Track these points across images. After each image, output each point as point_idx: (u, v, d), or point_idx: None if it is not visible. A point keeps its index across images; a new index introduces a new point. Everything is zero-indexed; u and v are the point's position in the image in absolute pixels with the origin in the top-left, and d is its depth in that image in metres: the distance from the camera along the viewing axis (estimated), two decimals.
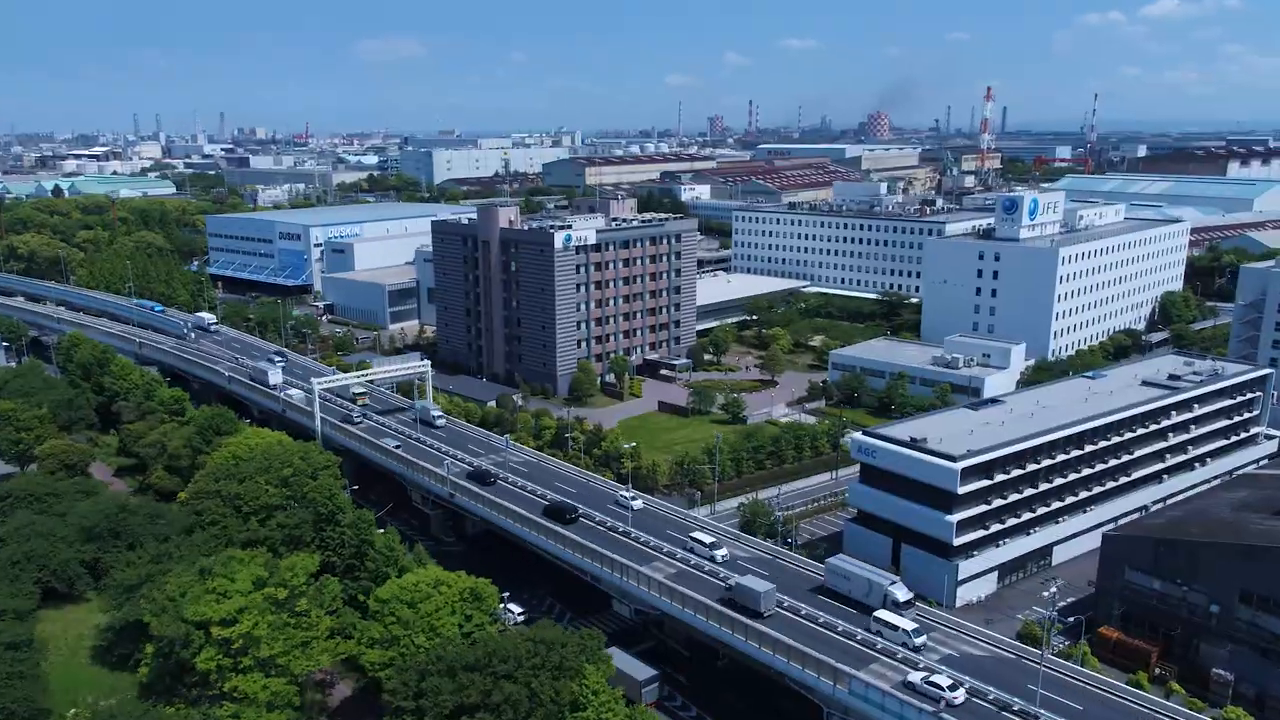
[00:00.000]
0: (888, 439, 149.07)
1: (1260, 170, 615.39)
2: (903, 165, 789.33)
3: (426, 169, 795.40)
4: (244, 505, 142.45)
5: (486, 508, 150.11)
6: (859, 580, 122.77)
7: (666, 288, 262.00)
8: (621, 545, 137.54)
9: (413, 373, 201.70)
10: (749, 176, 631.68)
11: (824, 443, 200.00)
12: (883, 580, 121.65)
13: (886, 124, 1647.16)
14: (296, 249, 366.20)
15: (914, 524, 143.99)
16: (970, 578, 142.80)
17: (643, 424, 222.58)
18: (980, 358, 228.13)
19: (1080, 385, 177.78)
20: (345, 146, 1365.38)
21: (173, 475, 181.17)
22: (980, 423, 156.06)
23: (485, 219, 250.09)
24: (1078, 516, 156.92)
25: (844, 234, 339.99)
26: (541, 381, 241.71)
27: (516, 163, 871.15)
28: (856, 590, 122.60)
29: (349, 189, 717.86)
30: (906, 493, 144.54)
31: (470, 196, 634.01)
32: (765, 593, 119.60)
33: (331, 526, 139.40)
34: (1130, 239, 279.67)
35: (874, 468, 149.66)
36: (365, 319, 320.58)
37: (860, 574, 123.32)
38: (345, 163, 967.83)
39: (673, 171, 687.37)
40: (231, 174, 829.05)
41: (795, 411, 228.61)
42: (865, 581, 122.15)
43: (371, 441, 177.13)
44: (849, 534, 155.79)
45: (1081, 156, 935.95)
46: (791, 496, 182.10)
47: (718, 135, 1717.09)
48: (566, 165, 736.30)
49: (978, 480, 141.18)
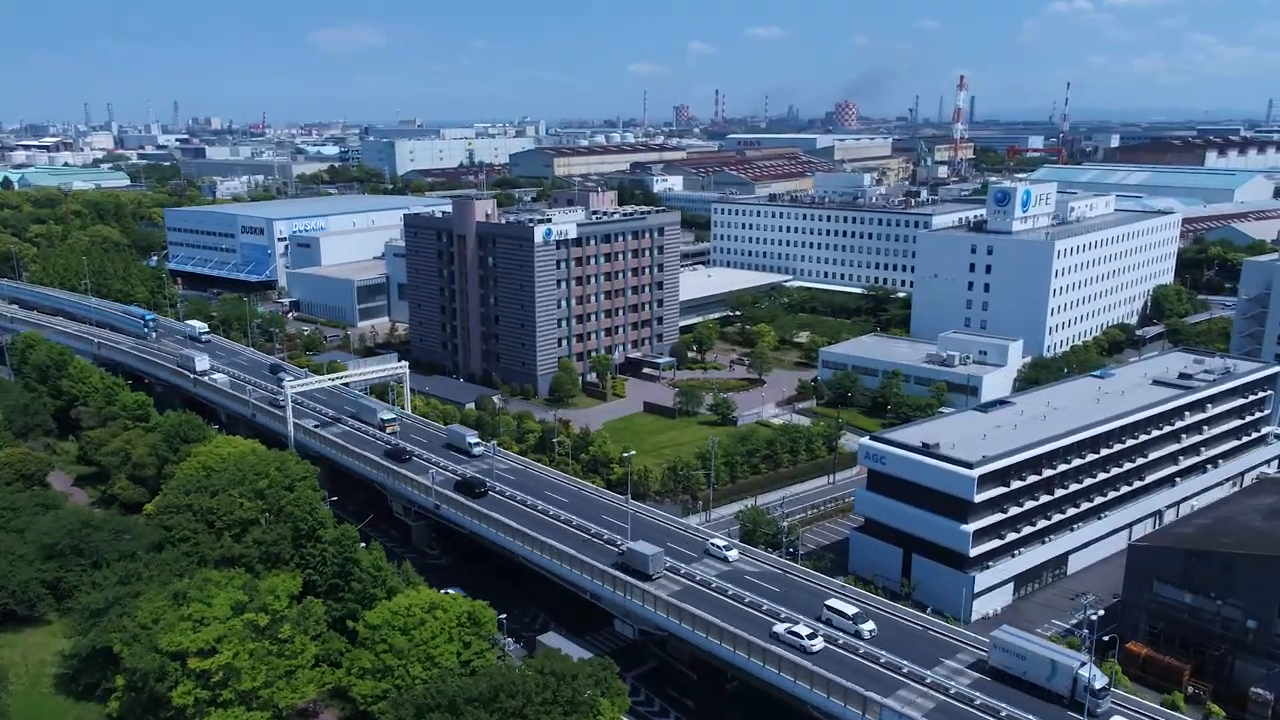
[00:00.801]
0: (898, 444, 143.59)
1: (1238, 160, 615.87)
2: (876, 155, 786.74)
3: (389, 160, 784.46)
4: (217, 520, 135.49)
5: (479, 522, 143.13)
6: (1038, 660, 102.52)
7: (649, 283, 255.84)
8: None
9: (389, 374, 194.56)
10: (721, 167, 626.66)
11: (820, 445, 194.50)
12: (1070, 660, 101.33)
13: (855, 114, 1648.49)
14: (260, 243, 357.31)
15: (926, 534, 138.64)
16: (986, 590, 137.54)
17: (628, 426, 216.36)
18: (977, 355, 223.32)
19: (1090, 385, 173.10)
20: (304, 137, 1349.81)
21: (137, 485, 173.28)
22: (991, 426, 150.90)
23: (461, 213, 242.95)
24: (1093, 523, 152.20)
25: (827, 226, 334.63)
26: (521, 381, 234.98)
27: (481, 153, 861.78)
28: (1035, 672, 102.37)
29: (309, 180, 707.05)
30: (918, 501, 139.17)
31: (436, 188, 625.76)
32: (653, 556, 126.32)
33: (312, 543, 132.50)
34: (1124, 231, 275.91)
35: (883, 474, 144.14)
36: (333, 316, 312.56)
37: (1040, 653, 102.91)
38: (304, 154, 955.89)
39: (643, 162, 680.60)
40: (187, 165, 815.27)
41: (785, 412, 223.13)
42: (1047, 662, 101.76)
43: (348, 448, 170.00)
44: (855, 544, 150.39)
45: (1054, 146, 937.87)
46: (789, 502, 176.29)
47: (684, 125, 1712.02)
48: (534, 156, 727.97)
49: (994, 487, 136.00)
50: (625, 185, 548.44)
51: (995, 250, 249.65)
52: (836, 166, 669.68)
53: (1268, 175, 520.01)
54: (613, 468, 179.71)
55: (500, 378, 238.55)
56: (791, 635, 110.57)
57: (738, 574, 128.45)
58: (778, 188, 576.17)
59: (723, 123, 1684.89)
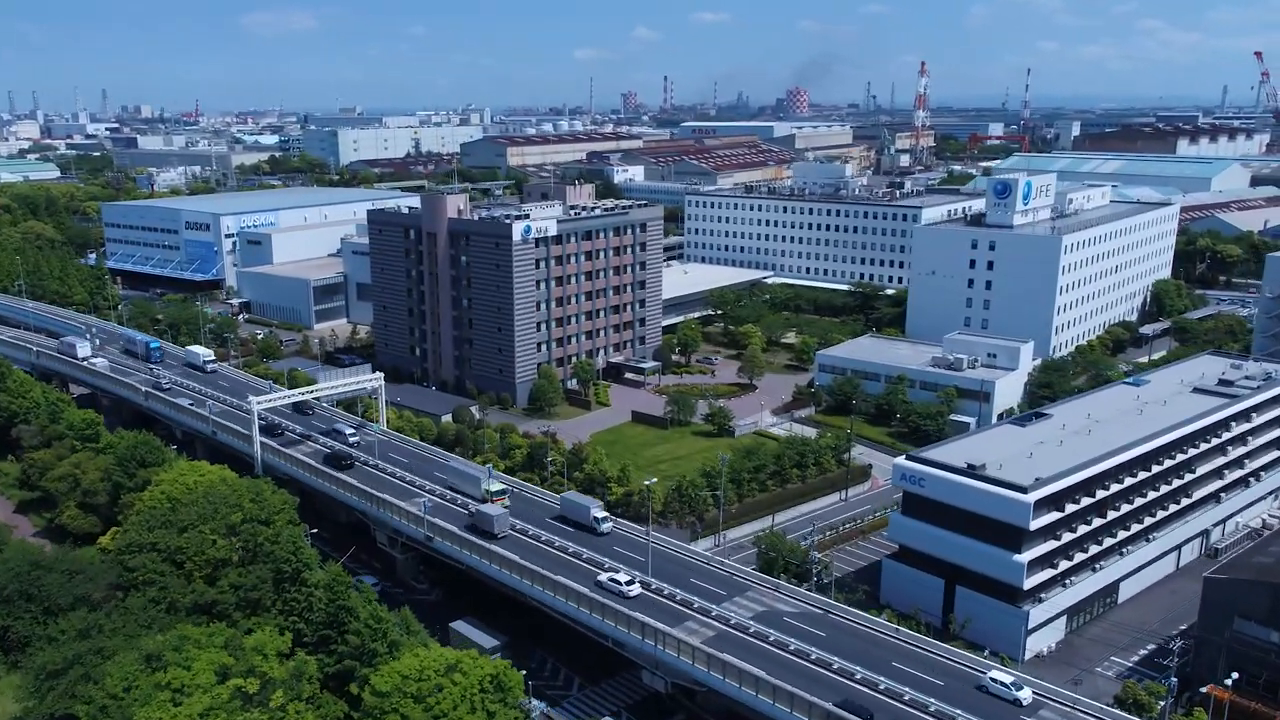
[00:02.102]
0: (939, 465, 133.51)
1: (1209, 148, 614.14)
2: (837, 144, 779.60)
3: (332, 149, 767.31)
4: (187, 561, 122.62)
5: (483, 560, 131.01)
6: None
7: (631, 283, 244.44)
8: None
9: (363, 387, 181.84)
10: (681, 156, 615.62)
11: (829, 459, 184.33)
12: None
13: (806, 101, 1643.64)
14: (205, 240, 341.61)
15: (973, 564, 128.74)
16: (1039, 625, 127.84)
17: (617, 438, 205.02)
18: (985, 358, 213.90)
19: (1126, 395, 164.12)
20: (239, 125, 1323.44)
21: (88, 514, 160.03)
22: (1033, 442, 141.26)
23: (431, 208, 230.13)
24: (1143, 547, 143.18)
25: (809, 220, 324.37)
26: (497, 390, 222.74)
27: (427, 143, 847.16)
28: None
29: (249, 171, 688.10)
30: (963, 527, 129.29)
31: (384, 179, 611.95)
32: (498, 516, 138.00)
33: (296, 586, 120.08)
34: (1128, 224, 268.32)
35: (921, 498, 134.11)
36: (287, 318, 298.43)
37: None
38: (242, 143, 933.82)
39: (600, 151, 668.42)
40: (120, 155, 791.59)
41: (783, 420, 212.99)
42: None
43: (323, 471, 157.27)
44: (888, 573, 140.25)
45: (1015, 134, 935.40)
46: (801, 523, 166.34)
47: (631, 112, 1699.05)
48: (486, 146, 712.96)
49: (1048, 513, 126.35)
50: (584, 176, 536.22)
51: (998, 245, 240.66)
52: (799, 155, 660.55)
53: (1244, 163, 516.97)
54: (611, 487, 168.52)
55: (475, 386, 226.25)
56: (612, 583, 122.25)
57: (774, 615, 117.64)
58: (741, 177, 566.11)
59: (671, 110, 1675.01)
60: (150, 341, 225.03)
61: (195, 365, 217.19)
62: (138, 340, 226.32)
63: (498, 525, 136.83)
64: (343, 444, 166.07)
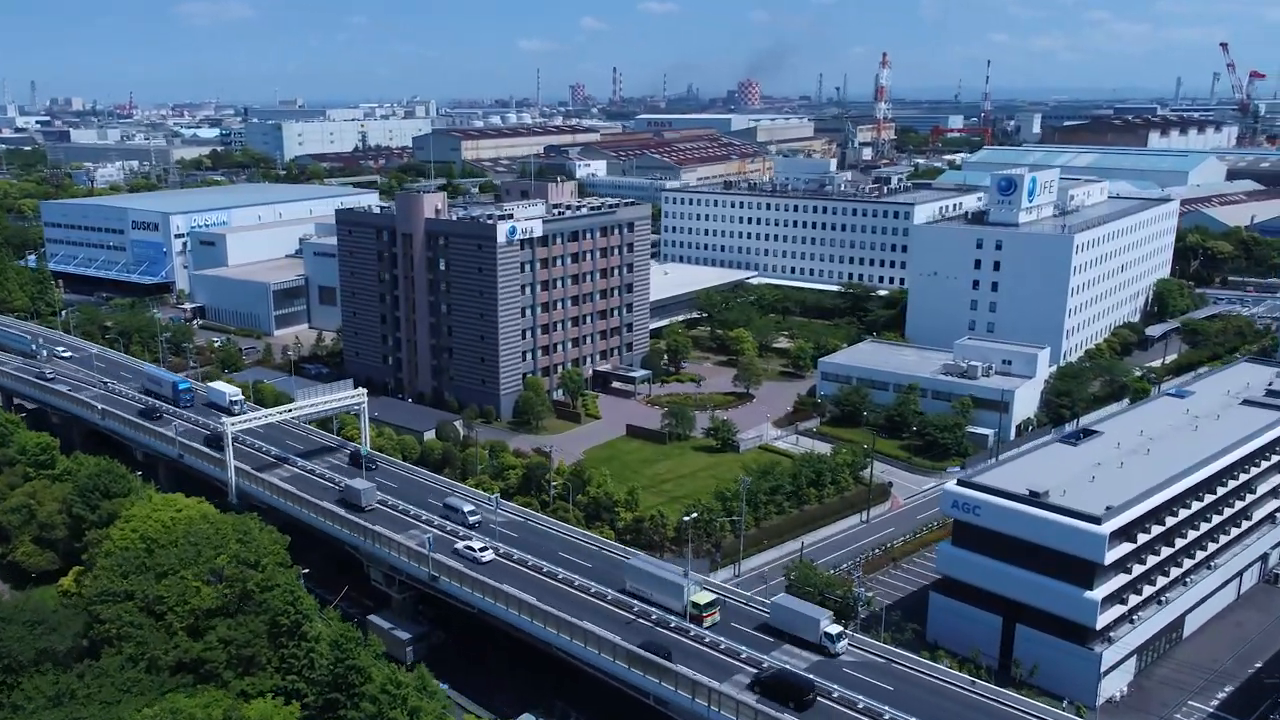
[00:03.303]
0: (996, 491, 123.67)
1: (1179, 140, 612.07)
2: (798, 137, 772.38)
3: (276, 143, 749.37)
4: (168, 612, 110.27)
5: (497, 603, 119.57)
6: None
7: (618, 286, 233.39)
8: None
9: (345, 405, 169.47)
10: (641, 150, 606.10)
11: (846, 477, 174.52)
12: None
13: (758, 93, 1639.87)
14: (153, 240, 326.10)
15: (1037, 601, 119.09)
16: (1110, 668, 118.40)
17: (613, 454, 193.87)
18: (1000, 364, 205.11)
19: (1173, 408, 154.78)
20: (176, 118, 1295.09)
21: (45, 550, 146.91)
22: (1090, 464, 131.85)
23: (406, 208, 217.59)
24: (1206, 576, 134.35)
25: (794, 217, 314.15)
26: (479, 402, 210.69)
27: (375, 136, 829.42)
28: None
29: (190, 166, 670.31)
30: (1025, 561, 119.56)
31: (335, 174, 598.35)
32: (365, 490, 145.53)
33: (295, 641, 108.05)
34: (1133, 222, 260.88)
35: (975, 528, 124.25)
36: (245, 324, 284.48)
37: None
38: (180, 137, 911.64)
39: (557, 145, 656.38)
40: (53, 150, 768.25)
41: (788, 433, 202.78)
42: None
43: (309, 500, 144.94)
44: (936, 608, 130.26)
45: (975, 126, 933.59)
46: (824, 548, 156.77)
47: (580, 105, 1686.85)
48: (440, 139, 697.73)
49: (1121, 544, 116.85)
50: (545, 170, 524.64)
51: (1005, 245, 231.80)
52: (762, 149, 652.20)
53: (1220, 156, 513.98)
54: (619, 512, 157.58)
55: (455, 398, 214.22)
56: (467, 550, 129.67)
57: (832, 665, 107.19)
58: (704, 171, 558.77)
59: (621, 102, 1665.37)
60: (178, 381, 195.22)
61: (220, 406, 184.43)
62: (163, 380, 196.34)
63: (365, 499, 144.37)
64: (461, 523, 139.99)
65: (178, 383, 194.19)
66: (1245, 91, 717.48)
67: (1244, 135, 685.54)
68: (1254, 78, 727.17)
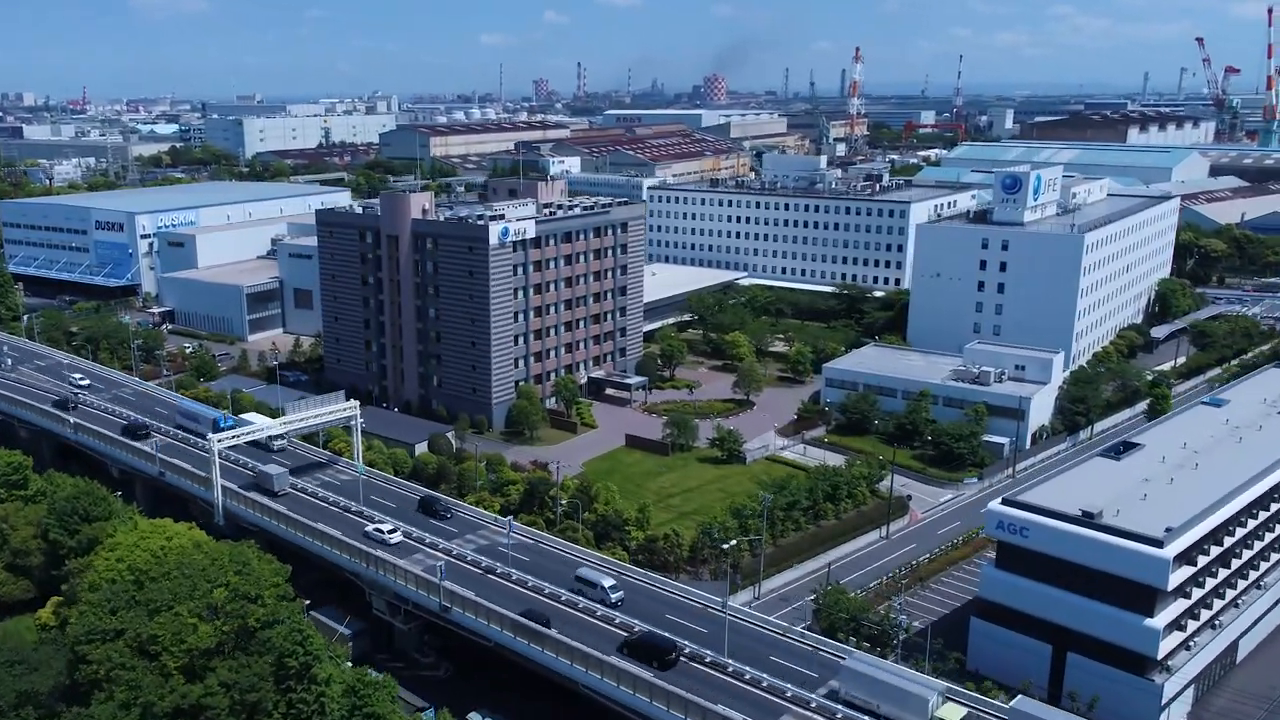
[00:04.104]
0: (1044, 512, 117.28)
1: (1159, 136, 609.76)
2: (772, 133, 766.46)
3: (237, 140, 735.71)
4: (163, 652, 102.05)
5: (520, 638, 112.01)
6: None
7: (612, 289, 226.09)
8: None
9: (338, 418, 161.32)
10: (614, 146, 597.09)
11: (863, 490, 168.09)
12: None
13: (724, 88, 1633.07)
14: (118, 241, 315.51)
15: (1091, 629, 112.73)
16: (1170, 699, 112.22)
17: (614, 466, 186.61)
18: (1013, 370, 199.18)
19: (1209, 417, 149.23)
20: (131, 114, 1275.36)
21: (19, 578, 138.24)
22: (1137, 480, 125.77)
23: (392, 208, 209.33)
24: (1259, 597, 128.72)
25: (785, 216, 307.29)
26: (470, 412, 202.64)
27: (338, 132, 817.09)
28: None
29: (149, 163, 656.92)
30: (1078, 585, 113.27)
31: (300, 171, 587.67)
32: (278, 475, 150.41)
33: (304, 685, 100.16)
34: (1139, 220, 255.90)
35: (1023, 550, 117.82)
36: (217, 329, 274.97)
37: None
38: (137, 133, 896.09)
39: (528, 141, 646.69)
40: (6, 147, 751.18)
41: (794, 443, 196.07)
42: None
43: (305, 524, 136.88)
44: (977, 635, 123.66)
45: (947, 122, 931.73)
46: (844, 567, 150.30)
47: (544, 100, 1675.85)
48: (407, 135, 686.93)
49: (1182, 568, 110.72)
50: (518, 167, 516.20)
51: (1012, 245, 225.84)
52: (736, 145, 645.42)
53: (1202, 152, 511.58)
54: (630, 531, 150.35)
55: (444, 407, 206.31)
56: (376, 532, 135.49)
57: None
58: (679, 168, 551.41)
59: (586, 97, 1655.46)
60: (219, 418, 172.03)
61: (258, 443, 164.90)
62: (201, 416, 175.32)
63: (278, 484, 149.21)
64: (601, 601, 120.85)
65: (218, 419, 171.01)
66: (1221, 87, 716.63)
67: (1222, 131, 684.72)
68: (1229, 73, 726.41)
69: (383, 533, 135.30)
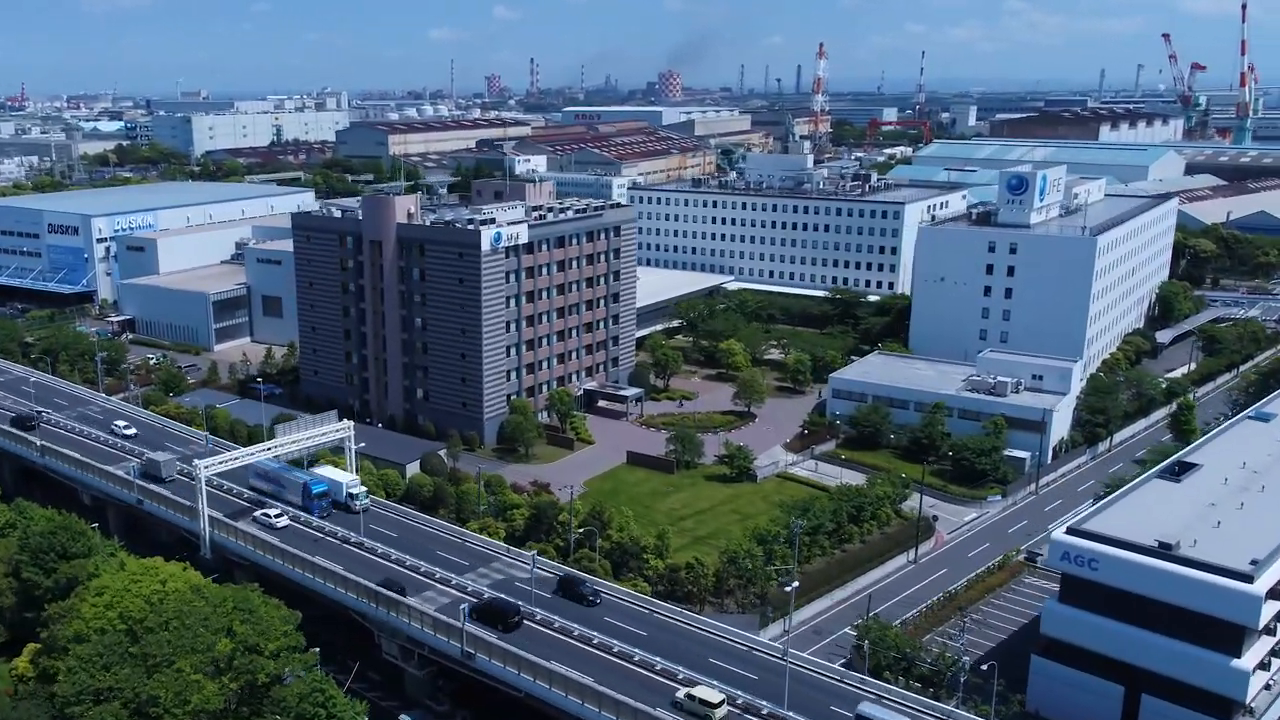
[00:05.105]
0: (1114, 542, 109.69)
1: (1129, 134, 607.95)
2: (737, 130, 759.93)
3: (186, 138, 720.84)
4: (164, 715, 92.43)
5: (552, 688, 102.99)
6: None
7: (604, 296, 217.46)
8: None
9: (331, 439, 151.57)
10: (578, 144, 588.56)
11: (887, 510, 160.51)
12: None
13: (679, 84, 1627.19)
14: (73, 245, 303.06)
15: (1169, 669, 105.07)
16: None
17: (617, 485, 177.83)
18: (1030, 379, 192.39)
19: (1261, 433, 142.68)
20: (72, 111, 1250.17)
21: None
22: (1203, 504, 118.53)
23: (375, 212, 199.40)
24: None
25: (772, 218, 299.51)
26: (460, 427, 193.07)
27: (290, 129, 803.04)
28: None
29: (96, 162, 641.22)
30: (1153, 622, 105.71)
31: (254, 170, 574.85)
32: (165, 462, 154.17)
33: None
34: (1143, 221, 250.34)
35: (1091, 583, 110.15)
36: (181, 338, 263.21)
37: None
38: (80, 130, 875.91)
39: (490, 140, 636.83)
40: None
41: (804, 458, 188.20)
42: None
43: (305, 559, 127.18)
44: (1039, 674, 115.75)
45: (910, 119, 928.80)
46: (876, 595, 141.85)
47: (496, 96, 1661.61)
48: (365, 132, 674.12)
49: (1272, 603, 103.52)
50: (482, 166, 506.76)
51: (1020, 248, 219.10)
52: (701, 143, 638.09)
53: (1178, 150, 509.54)
54: (647, 559, 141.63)
55: (431, 423, 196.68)
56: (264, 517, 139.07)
57: None
58: (645, 166, 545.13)
59: (539, 94, 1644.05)
60: (311, 482, 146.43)
61: (338, 502, 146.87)
62: (286, 479, 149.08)
63: (166, 470, 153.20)
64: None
65: (310, 483, 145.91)
66: (1187, 84, 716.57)
67: (1194, 129, 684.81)
68: (1195, 69, 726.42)
69: (270, 517, 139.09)
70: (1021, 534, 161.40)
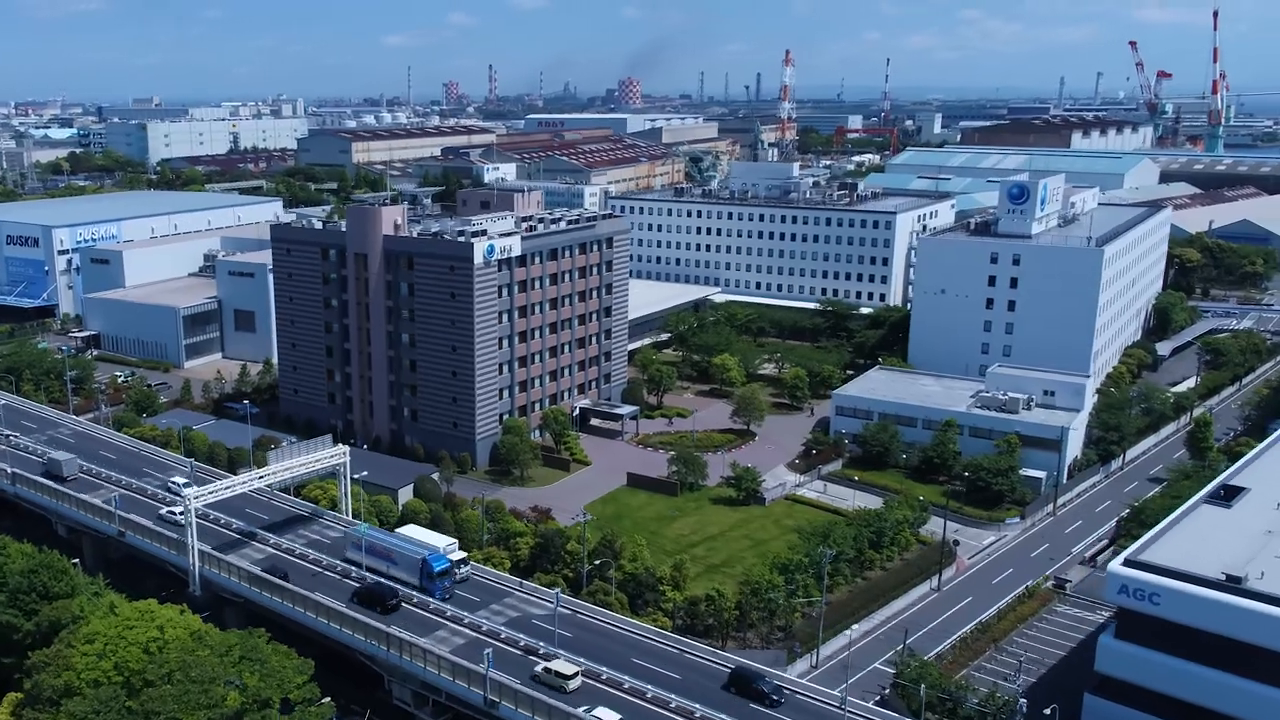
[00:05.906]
0: (1177, 575, 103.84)
1: (1100, 141, 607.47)
2: (703, 138, 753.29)
3: (141, 145, 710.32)
4: None
5: None
6: None
7: (597, 310, 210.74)
8: None
9: (326, 466, 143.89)
10: (546, 152, 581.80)
11: (907, 534, 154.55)
12: None
13: (639, 91, 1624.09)
14: (33, 258, 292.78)
15: (1240, 712, 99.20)
16: None
17: (620, 510, 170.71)
18: (1041, 395, 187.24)
19: None
20: (20, 117, 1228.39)
21: None
22: (1258, 531, 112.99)
23: (360, 224, 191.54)
24: None
25: (759, 228, 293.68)
26: (450, 449, 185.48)
27: (248, 137, 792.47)
28: None
29: (49, 170, 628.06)
30: (1220, 659, 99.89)
31: (213, 179, 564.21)
32: (66, 461, 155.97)
33: None
34: (1142, 231, 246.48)
35: (1152, 618, 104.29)
36: (150, 355, 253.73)
37: None
38: (31, 137, 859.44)
39: (455, 147, 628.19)
40: None
41: (810, 479, 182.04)
42: None
43: (307, 597, 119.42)
44: (1092, 713, 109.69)
45: (876, 126, 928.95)
46: (901, 626, 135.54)
47: (454, 103, 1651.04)
48: (327, 140, 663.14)
49: None
50: (449, 174, 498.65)
51: (1024, 260, 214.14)
52: (669, 151, 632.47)
53: (1153, 158, 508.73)
54: (664, 591, 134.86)
55: (420, 444, 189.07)
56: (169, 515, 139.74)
57: None
58: (615, 174, 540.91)
59: (498, 101, 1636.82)
60: (432, 557, 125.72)
61: (430, 573, 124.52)
62: (402, 553, 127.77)
63: (67, 469, 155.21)
64: None
65: (430, 558, 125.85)
66: (1153, 91, 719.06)
67: (1165, 136, 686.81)
68: (1161, 77, 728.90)
69: (175, 514, 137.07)
70: (1045, 558, 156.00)
